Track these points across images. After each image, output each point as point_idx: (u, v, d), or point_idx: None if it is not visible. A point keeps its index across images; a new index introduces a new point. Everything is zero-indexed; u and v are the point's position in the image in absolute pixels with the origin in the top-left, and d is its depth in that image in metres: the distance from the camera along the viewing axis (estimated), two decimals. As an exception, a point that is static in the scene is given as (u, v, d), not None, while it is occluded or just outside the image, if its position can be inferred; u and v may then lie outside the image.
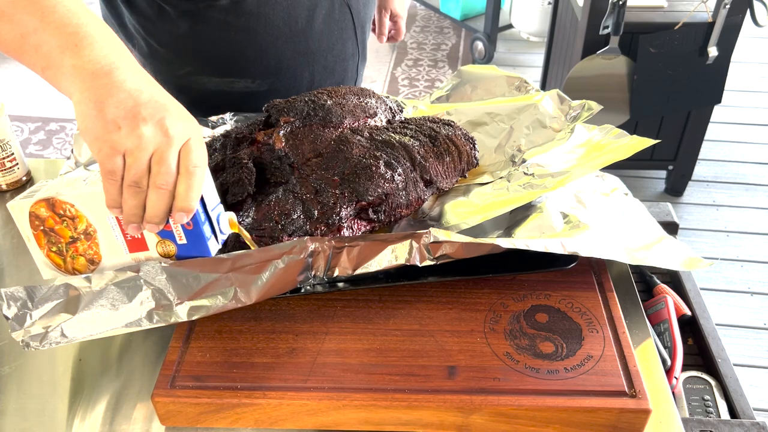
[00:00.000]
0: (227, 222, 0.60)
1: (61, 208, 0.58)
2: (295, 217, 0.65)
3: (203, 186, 0.54)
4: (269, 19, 0.86)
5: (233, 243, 0.66)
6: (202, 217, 0.56)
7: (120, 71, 0.53)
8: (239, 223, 0.67)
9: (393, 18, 1.24)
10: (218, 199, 0.59)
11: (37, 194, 0.58)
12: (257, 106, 0.93)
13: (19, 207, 0.59)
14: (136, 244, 0.59)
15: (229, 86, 0.91)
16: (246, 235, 0.62)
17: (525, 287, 0.67)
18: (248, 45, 0.87)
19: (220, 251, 0.59)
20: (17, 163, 0.92)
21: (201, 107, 0.94)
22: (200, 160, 0.53)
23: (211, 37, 0.86)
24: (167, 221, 0.54)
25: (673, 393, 0.63)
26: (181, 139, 0.53)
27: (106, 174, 0.51)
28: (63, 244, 0.60)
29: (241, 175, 0.69)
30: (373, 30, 1.22)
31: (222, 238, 0.60)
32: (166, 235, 0.57)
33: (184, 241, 0.57)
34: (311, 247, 0.60)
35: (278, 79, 0.92)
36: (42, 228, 0.59)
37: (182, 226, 0.56)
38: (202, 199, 0.56)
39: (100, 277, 0.57)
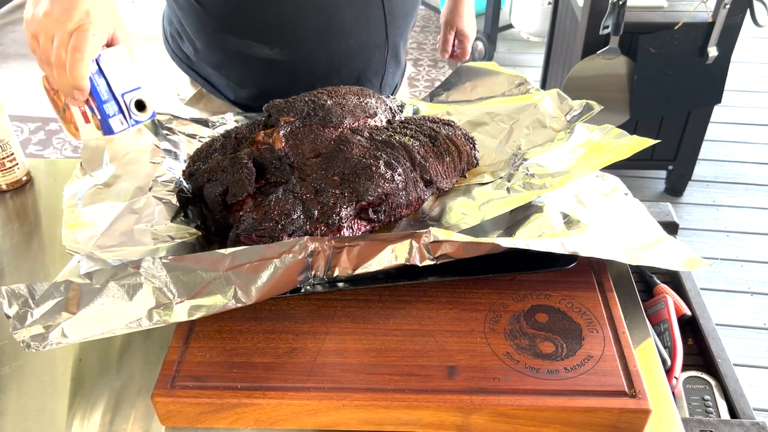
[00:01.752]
0: (136, 106, 0.69)
1: (49, 82, 0.70)
2: (295, 217, 0.65)
3: (100, 68, 0.66)
4: None
5: (233, 242, 0.66)
6: (104, 95, 0.66)
7: None
8: (239, 224, 0.67)
9: (459, 37, 1.21)
10: (137, 85, 0.68)
11: None
12: (276, 77, 0.94)
13: (40, 76, 0.72)
14: (85, 117, 0.69)
15: (249, 49, 0.92)
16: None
17: (525, 287, 0.67)
18: (268, 10, 0.88)
19: (220, 246, 0.60)
20: (17, 163, 0.92)
21: (227, 69, 0.96)
22: (81, 44, 0.63)
23: None
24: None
25: (673, 393, 0.63)
26: (75, 24, 0.63)
27: (32, 52, 0.65)
28: (62, 110, 0.71)
29: (241, 175, 0.69)
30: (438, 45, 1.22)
31: (136, 119, 0.69)
32: (91, 109, 0.68)
33: (99, 117, 0.67)
34: (311, 247, 0.60)
35: (296, 52, 0.92)
36: (51, 95, 0.73)
37: (94, 103, 0.66)
38: (107, 81, 0.66)
39: (101, 274, 0.57)
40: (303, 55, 0.92)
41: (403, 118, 0.84)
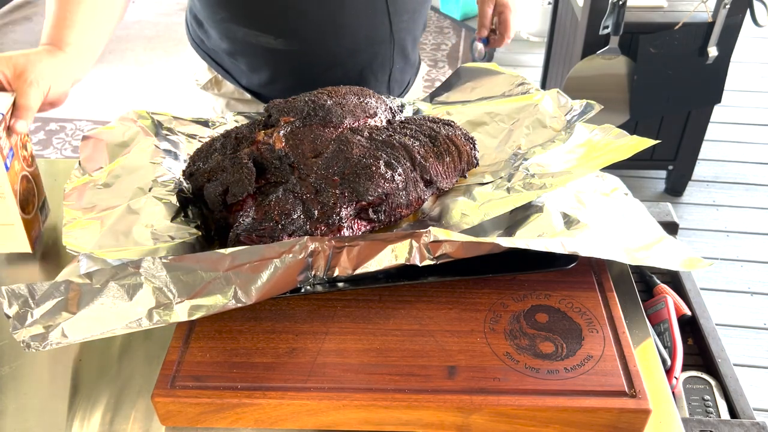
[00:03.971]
0: None
1: None
2: (295, 216, 0.65)
3: None
4: None
5: (233, 242, 0.66)
6: None
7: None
8: (239, 224, 0.67)
9: (500, 8, 1.10)
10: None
11: None
12: (282, 67, 0.96)
13: None
14: None
15: (254, 39, 0.93)
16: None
17: (525, 287, 0.67)
18: (272, 1, 0.89)
19: (220, 246, 0.60)
20: (17, 163, 0.92)
21: (237, 56, 0.98)
22: None
23: None
24: None
25: (673, 393, 0.63)
26: None
27: None
28: None
29: (241, 175, 0.69)
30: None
31: None
32: None
33: None
34: (311, 246, 0.60)
35: (300, 43, 0.93)
36: None
37: None
38: None
39: (101, 274, 0.57)
40: (307, 46, 0.93)
41: (403, 118, 0.84)
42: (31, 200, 0.79)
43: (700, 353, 0.77)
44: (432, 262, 0.62)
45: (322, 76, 0.96)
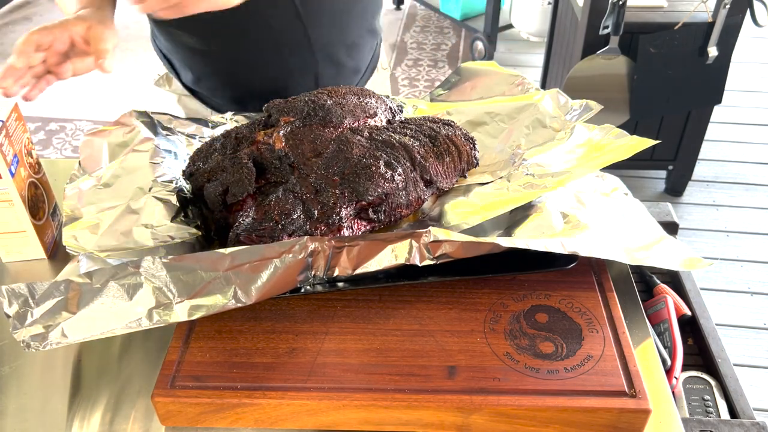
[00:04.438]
0: None
1: None
2: (295, 216, 0.65)
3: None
4: None
5: (233, 242, 0.66)
6: None
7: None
8: (239, 224, 0.67)
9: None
10: None
11: None
12: (205, 67, 0.99)
13: None
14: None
15: (179, 38, 0.96)
16: None
17: (525, 287, 0.67)
18: None
19: (220, 246, 0.61)
20: (17, 163, 0.92)
21: (173, 55, 1.02)
22: None
23: None
24: None
25: (673, 393, 0.63)
26: None
27: None
28: None
29: (241, 175, 0.69)
30: None
31: None
32: None
33: None
34: (311, 246, 0.60)
35: (216, 44, 0.95)
36: None
37: None
38: None
39: (101, 274, 0.57)
40: (222, 48, 0.95)
41: (403, 118, 0.84)
42: (41, 206, 0.80)
43: (700, 353, 0.77)
44: (432, 262, 0.62)
45: (243, 78, 0.98)
